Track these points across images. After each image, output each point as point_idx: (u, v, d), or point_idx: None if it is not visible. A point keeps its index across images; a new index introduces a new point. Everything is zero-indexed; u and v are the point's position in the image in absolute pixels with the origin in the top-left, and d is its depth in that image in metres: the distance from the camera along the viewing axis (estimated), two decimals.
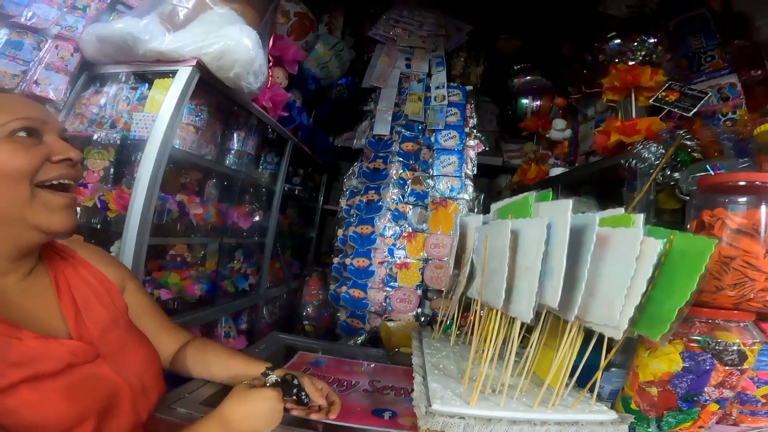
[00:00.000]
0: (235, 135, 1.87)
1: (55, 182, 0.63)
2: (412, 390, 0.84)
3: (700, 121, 1.68)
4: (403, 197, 2.20)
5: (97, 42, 1.34)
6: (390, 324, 1.83)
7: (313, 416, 0.84)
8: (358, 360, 1.31)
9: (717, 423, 0.88)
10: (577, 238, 0.69)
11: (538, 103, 2.76)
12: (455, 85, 2.43)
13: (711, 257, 0.77)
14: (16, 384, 0.56)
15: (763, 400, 0.88)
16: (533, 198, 0.83)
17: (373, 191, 2.23)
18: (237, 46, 1.34)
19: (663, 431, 0.81)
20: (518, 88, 2.82)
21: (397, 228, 2.17)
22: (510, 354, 0.77)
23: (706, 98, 1.63)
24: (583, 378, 0.81)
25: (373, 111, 2.39)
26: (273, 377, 0.84)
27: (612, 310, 0.65)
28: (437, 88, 2.39)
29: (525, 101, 2.82)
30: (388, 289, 2.17)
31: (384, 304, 2.18)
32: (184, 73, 1.31)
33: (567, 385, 0.81)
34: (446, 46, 2.55)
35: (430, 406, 0.74)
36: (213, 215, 1.71)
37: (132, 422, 0.69)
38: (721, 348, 0.76)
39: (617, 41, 2.01)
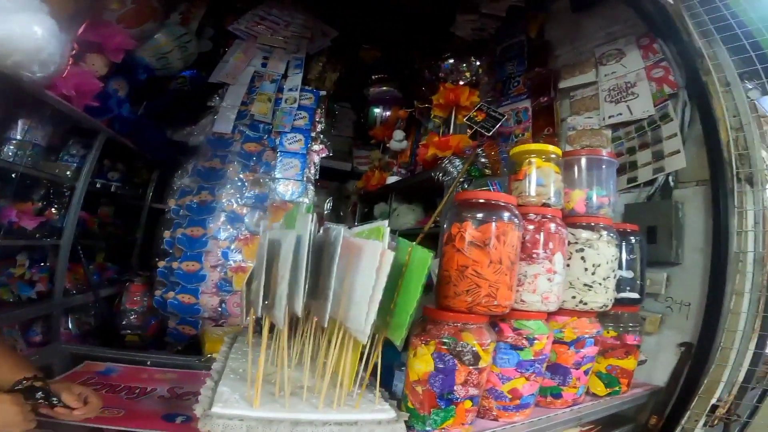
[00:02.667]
0: (19, 123, 1.60)
1: None
2: None
3: (494, 142, 1.98)
4: (241, 199, 2.13)
5: None
6: (212, 330, 1.76)
7: (58, 412, 0.86)
8: (165, 368, 1.25)
9: (481, 418, 1.01)
10: (329, 249, 0.75)
11: (388, 113, 2.94)
12: (309, 88, 2.45)
13: (450, 265, 0.94)
14: None
15: (510, 396, 1.00)
16: (301, 209, 0.88)
17: (207, 192, 2.11)
18: (22, 34, 1.25)
19: (434, 428, 0.90)
20: (372, 97, 2.98)
21: (233, 231, 2.09)
22: (283, 360, 0.80)
23: (503, 120, 1.94)
24: (384, 378, 0.87)
25: (217, 107, 2.29)
26: (21, 385, 0.85)
27: (360, 317, 0.73)
28: (290, 90, 2.39)
29: (377, 110, 3.00)
30: (222, 293, 2.08)
31: (219, 309, 2.08)
32: None
33: (362, 383, 0.87)
34: (309, 49, 2.57)
35: (210, 408, 0.73)
36: None
37: None
38: (459, 349, 0.88)
39: (450, 61, 2.23)
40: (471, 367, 0.89)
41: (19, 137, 1.59)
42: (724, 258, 1.31)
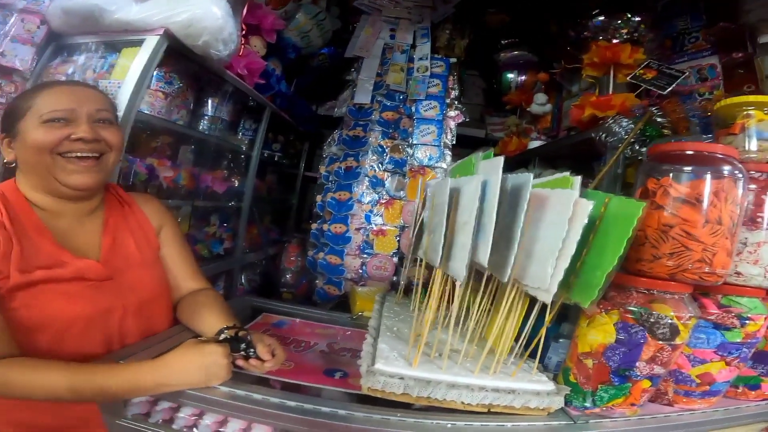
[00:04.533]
0: (209, 101, 1.87)
1: (70, 154, 0.85)
2: None
3: (675, 99, 1.69)
4: (382, 164, 2.21)
5: (63, 14, 1.35)
6: (359, 289, 1.88)
7: (252, 364, 0.87)
8: (322, 323, 1.34)
9: (652, 401, 0.88)
10: (514, 198, 0.70)
11: (523, 77, 2.77)
12: (439, 57, 2.41)
13: (650, 224, 0.80)
14: (36, 282, 0.78)
15: (698, 381, 0.86)
16: (478, 157, 0.83)
17: (352, 158, 2.23)
18: (205, 15, 1.37)
19: (597, 406, 0.80)
20: (504, 63, 2.83)
21: (375, 195, 2.18)
22: (451, 317, 0.79)
23: (682, 77, 1.64)
24: (536, 348, 0.82)
25: (355, 80, 2.38)
26: (224, 334, 0.87)
27: (544, 273, 0.66)
28: (420, 59, 2.37)
29: (510, 75, 2.84)
30: (364, 255, 2.20)
31: (360, 270, 2.22)
32: (151, 41, 1.33)
33: (516, 353, 0.82)
34: (432, 17, 2.52)
35: (373, 365, 0.76)
36: (185, 178, 1.70)
37: (117, 335, 0.88)
38: (653, 320, 0.75)
39: (601, 18, 1.99)
40: (664, 343, 0.76)
41: (210, 113, 1.87)
42: None
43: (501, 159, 0.69)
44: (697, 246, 0.76)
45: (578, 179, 0.71)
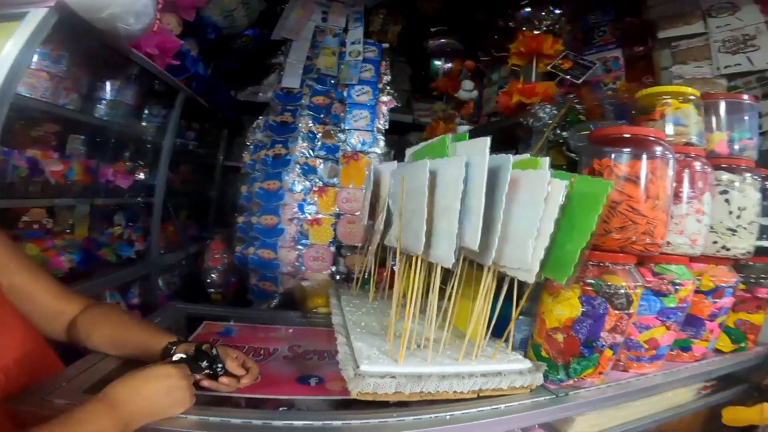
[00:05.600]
0: (108, 84, 1.61)
1: None
2: (337, 352, 0.80)
3: (587, 88, 1.89)
4: (314, 151, 2.11)
5: None
6: (305, 284, 1.79)
7: (224, 382, 0.76)
8: (273, 325, 1.23)
9: (611, 369, 0.94)
10: (491, 180, 0.69)
11: (450, 65, 2.88)
12: (372, 41, 2.38)
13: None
14: None
15: (646, 346, 0.95)
16: (450, 138, 0.82)
17: (281, 145, 2.10)
18: None
19: (571, 378, 0.85)
20: (432, 50, 2.91)
21: (308, 183, 2.08)
22: (432, 306, 0.78)
23: (594, 68, 1.85)
24: (495, 328, 0.83)
25: (283, 64, 2.26)
26: (179, 353, 0.74)
27: (524, 253, 0.67)
28: (353, 43, 2.32)
29: (438, 62, 2.94)
30: (300, 247, 2.10)
31: (296, 263, 2.11)
32: (35, 15, 1.07)
33: (487, 336, 0.83)
34: (366, 2, 2.49)
35: (358, 367, 0.71)
36: (78, 173, 1.45)
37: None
38: (612, 291, 0.81)
39: (528, 9, 2.12)
40: (622, 312, 0.83)
41: (109, 97, 1.61)
42: None
43: (488, 139, 0.68)
44: (642, 219, 0.84)
45: (546, 160, 0.73)
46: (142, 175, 1.81)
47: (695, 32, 1.76)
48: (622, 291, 0.82)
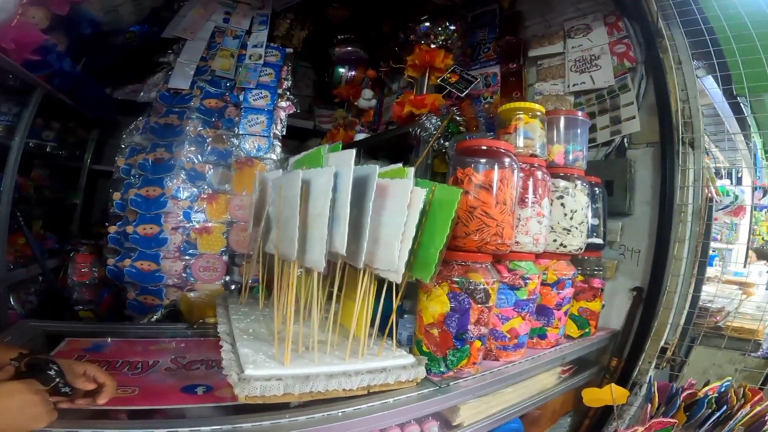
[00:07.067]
0: None
1: None
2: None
3: (469, 101, 2.09)
4: (202, 156, 1.98)
5: None
6: (191, 295, 1.67)
7: (79, 403, 0.70)
8: (155, 339, 1.15)
9: (485, 359, 1.06)
10: (360, 189, 0.75)
11: (353, 73, 2.94)
12: (275, 45, 2.34)
13: (461, 206, 0.98)
14: None
15: (509, 336, 1.08)
16: (325, 149, 0.86)
17: (163, 149, 1.93)
18: None
19: (450, 369, 0.93)
20: (337, 57, 2.95)
21: (195, 189, 1.95)
22: (316, 308, 0.80)
23: (475, 83, 2.05)
24: (383, 326, 0.89)
25: (172, 63, 2.13)
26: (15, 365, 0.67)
27: (392, 255, 0.74)
28: (255, 46, 2.27)
29: (342, 70, 2.98)
30: (186, 257, 1.95)
31: (184, 274, 1.96)
32: None
33: (372, 334, 0.88)
34: (274, 5, 2.45)
35: (242, 372, 0.70)
36: None
37: None
38: (473, 287, 0.92)
39: (427, 24, 2.28)
40: (482, 306, 0.95)
41: None
42: (669, 209, 1.48)
43: (353, 152, 0.72)
44: (492, 222, 0.97)
45: (412, 170, 0.81)
46: None
47: (556, 52, 1.94)
48: (481, 287, 0.94)
